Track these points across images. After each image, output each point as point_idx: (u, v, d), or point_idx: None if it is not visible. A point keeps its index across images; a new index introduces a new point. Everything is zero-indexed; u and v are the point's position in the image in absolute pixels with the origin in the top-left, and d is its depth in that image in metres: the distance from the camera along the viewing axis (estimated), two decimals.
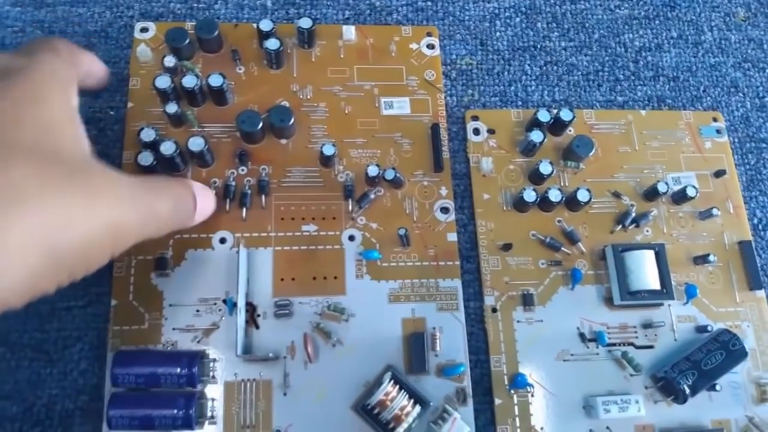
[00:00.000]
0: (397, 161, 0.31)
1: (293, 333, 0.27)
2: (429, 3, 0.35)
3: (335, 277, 0.28)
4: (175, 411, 0.25)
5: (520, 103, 0.34)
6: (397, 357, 0.27)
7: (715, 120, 0.34)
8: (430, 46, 0.33)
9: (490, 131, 0.32)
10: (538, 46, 0.35)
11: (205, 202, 0.26)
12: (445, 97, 0.33)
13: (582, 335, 0.29)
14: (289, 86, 0.32)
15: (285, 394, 0.27)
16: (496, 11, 0.36)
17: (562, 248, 0.30)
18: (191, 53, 0.31)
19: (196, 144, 0.28)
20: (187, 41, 0.30)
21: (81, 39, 0.32)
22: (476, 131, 0.32)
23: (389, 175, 0.29)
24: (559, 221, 0.31)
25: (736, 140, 0.34)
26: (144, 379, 0.25)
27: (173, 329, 0.27)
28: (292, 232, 0.29)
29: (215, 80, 0.29)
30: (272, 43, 0.31)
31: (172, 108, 0.29)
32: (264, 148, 0.30)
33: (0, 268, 0.16)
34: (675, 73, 0.35)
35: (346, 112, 0.31)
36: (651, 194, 0.31)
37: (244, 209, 0.29)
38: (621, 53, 0.36)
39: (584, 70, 0.35)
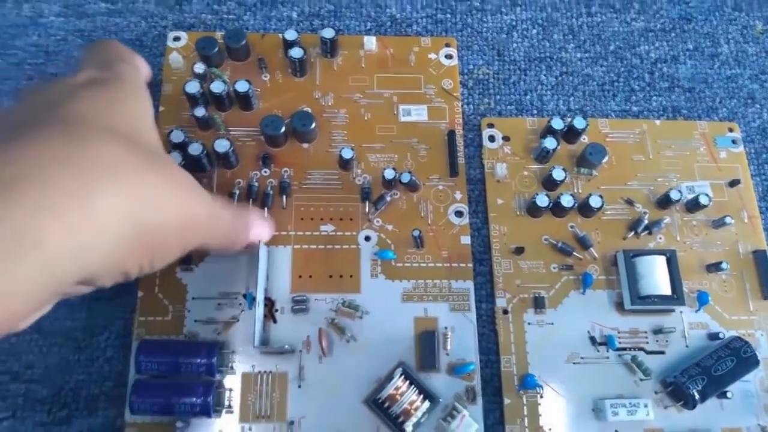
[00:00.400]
0: (413, 166, 0.32)
1: (309, 328, 0.28)
2: (448, 15, 0.37)
3: (351, 276, 0.29)
4: (195, 398, 0.26)
5: (535, 111, 0.35)
6: (408, 354, 0.28)
7: (731, 130, 0.34)
8: (449, 56, 0.34)
9: (505, 138, 0.33)
10: (554, 57, 0.36)
11: (261, 230, 0.28)
12: (461, 105, 0.34)
13: (592, 339, 0.29)
14: (312, 93, 0.33)
15: (299, 387, 0.28)
16: (514, 23, 0.37)
17: (574, 253, 0.31)
18: (220, 61, 0.33)
19: (221, 146, 0.30)
20: (216, 50, 0.32)
21: None
22: (491, 138, 0.33)
23: (405, 178, 0.30)
24: (572, 227, 0.31)
25: (753, 151, 0.35)
26: (166, 367, 0.26)
27: (195, 321, 0.28)
28: (311, 231, 0.30)
29: (242, 86, 0.31)
30: (296, 52, 0.32)
31: (200, 112, 0.31)
32: (286, 151, 0.32)
33: (89, 234, 0.17)
34: (691, 85, 0.36)
35: (366, 118, 0.33)
36: (664, 202, 0.32)
37: (266, 209, 0.30)
38: (636, 64, 0.36)
39: (600, 81, 0.36)
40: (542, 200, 0.31)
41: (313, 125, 0.31)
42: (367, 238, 0.30)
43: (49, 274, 0.17)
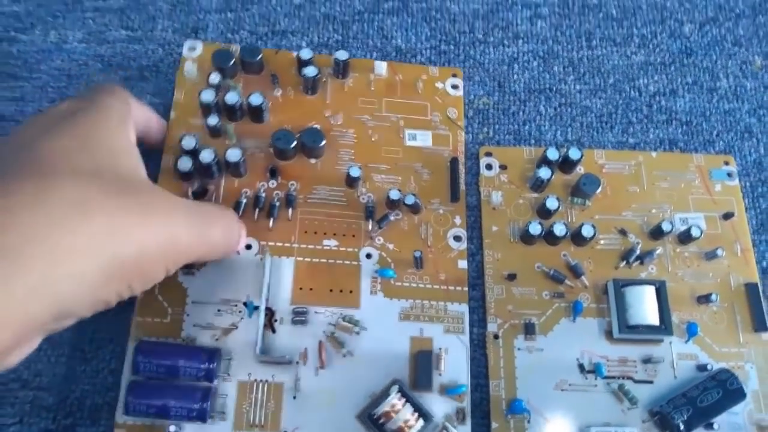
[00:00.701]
0: (416, 189, 0.33)
1: (307, 340, 0.29)
2: (451, 46, 0.38)
3: (351, 291, 0.30)
4: (193, 403, 0.27)
5: (533, 141, 0.36)
6: (402, 372, 0.29)
7: (726, 164, 0.35)
8: (455, 87, 0.36)
9: (502, 167, 0.34)
10: (554, 89, 0.37)
11: (244, 239, 0.29)
12: (462, 134, 0.35)
13: (581, 366, 0.30)
14: (322, 111, 0.34)
15: (294, 398, 0.28)
16: (515, 55, 0.38)
17: (566, 281, 0.31)
18: (234, 73, 0.34)
19: (234, 155, 0.31)
20: (232, 62, 0.33)
21: (135, 72, 0.36)
22: (489, 166, 0.34)
23: (409, 200, 0.31)
24: (564, 255, 0.32)
25: (748, 184, 0.35)
26: (165, 369, 0.27)
27: (194, 326, 0.29)
28: (314, 245, 0.31)
29: (256, 99, 0.32)
30: (310, 71, 0.33)
31: (213, 120, 0.32)
32: (294, 165, 0.33)
33: (75, 269, 0.19)
34: (688, 118, 0.37)
35: (373, 139, 0.34)
36: (656, 233, 0.32)
37: (272, 219, 0.31)
38: (635, 97, 0.37)
39: (597, 112, 0.36)
40: (535, 228, 0.31)
41: (323, 142, 0.32)
42: (368, 256, 0.31)
43: (21, 313, 0.18)
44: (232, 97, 0.32)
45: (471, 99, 0.37)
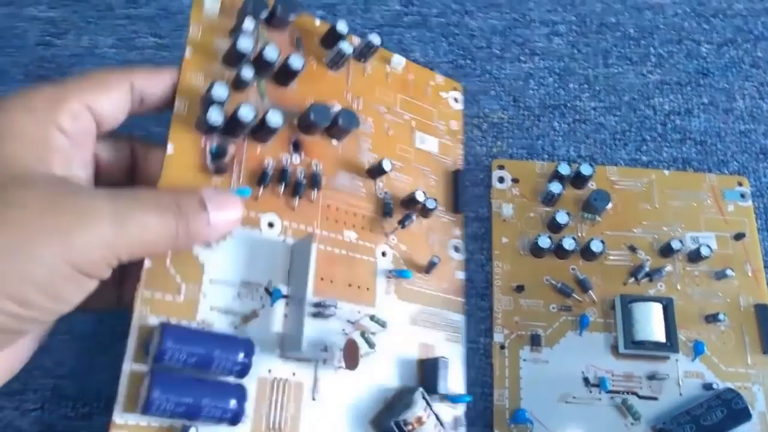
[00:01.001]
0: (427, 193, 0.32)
1: (329, 336, 0.26)
2: (468, 61, 0.39)
3: (368, 288, 0.29)
4: (228, 403, 0.23)
5: (546, 156, 0.36)
6: (412, 378, 0.29)
7: (740, 184, 0.35)
8: (456, 100, 0.36)
9: (514, 180, 0.35)
10: (569, 105, 0.37)
11: (226, 214, 0.24)
12: (475, 147, 0.36)
13: (586, 380, 0.30)
14: (343, 92, 0.32)
15: (314, 399, 0.26)
16: (531, 71, 0.38)
17: (574, 295, 0.32)
18: (256, 23, 0.29)
19: (275, 119, 0.27)
20: (266, 13, 0.29)
21: None
22: (501, 179, 0.35)
23: (431, 204, 0.31)
24: (573, 269, 0.33)
25: (761, 205, 0.35)
26: (197, 360, 0.22)
27: (211, 309, 0.25)
28: (335, 234, 0.29)
29: (296, 62, 0.28)
30: (347, 47, 0.30)
31: (248, 73, 0.27)
32: (316, 142, 0.30)
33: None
34: (703, 138, 0.37)
35: (389, 133, 0.33)
36: (666, 251, 0.33)
37: (297, 198, 0.28)
38: (650, 116, 0.37)
39: (612, 130, 0.37)
40: (544, 242, 0.32)
41: (358, 126, 0.30)
42: (384, 254, 0.30)
43: None
44: (271, 52, 0.28)
45: (486, 112, 0.37)
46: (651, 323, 0.30)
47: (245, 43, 0.27)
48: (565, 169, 0.33)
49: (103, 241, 0.20)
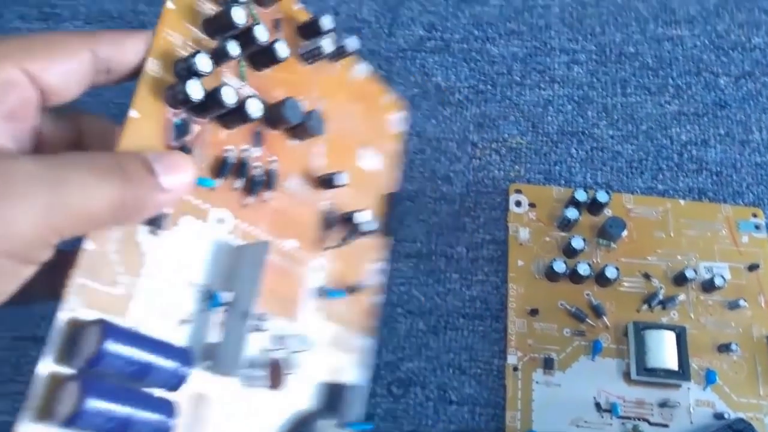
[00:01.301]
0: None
1: (251, 351, 0.24)
2: (489, 86, 0.40)
3: (294, 303, 0.26)
4: (164, 420, 0.19)
5: (563, 182, 0.37)
6: (320, 401, 0.27)
7: (755, 216, 0.35)
8: (400, 122, 0.33)
9: (532, 205, 0.36)
10: (586, 133, 0.38)
11: (178, 176, 0.20)
12: (493, 170, 0.36)
13: (597, 404, 0.31)
14: (310, 90, 0.29)
15: (227, 417, 0.23)
16: (550, 98, 0.39)
17: (587, 320, 0.32)
18: None
19: (255, 109, 0.24)
20: None
21: None
22: (518, 203, 0.36)
23: (370, 226, 0.29)
24: (587, 294, 0.33)
25: None
26: (134, 370, 0.19)
27: (145, 307, 0.21)
28: (280, 240, 0.26)
29: (283, 50, 0.25)
30: (328, 44, 0.28)
31: (234, 50, 0.24)
32: (278, 138, 0.27)
33: None
34: (719, 168, 0.37)
35: (344, 142, 0.30)
36: (680, 279, 0.33)
37: (250, 197, 0.25)
38: (666, 145, 0.38)
39: (628, 158, 0.38)
40: (559, 266, 0.32)
41: (322, 134, 0.28)
42: (315, 269, 0.28)
43: None
44: (262, 33, 0.25)
45: (505, 137, 0.38)
46: (664, 351, 0.31)
47: (239, 15, 0.24)
48: (581, 196, 0.34)
49: (37, 212, 0.17)
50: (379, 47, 0.41)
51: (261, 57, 0.26)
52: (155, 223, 0.22)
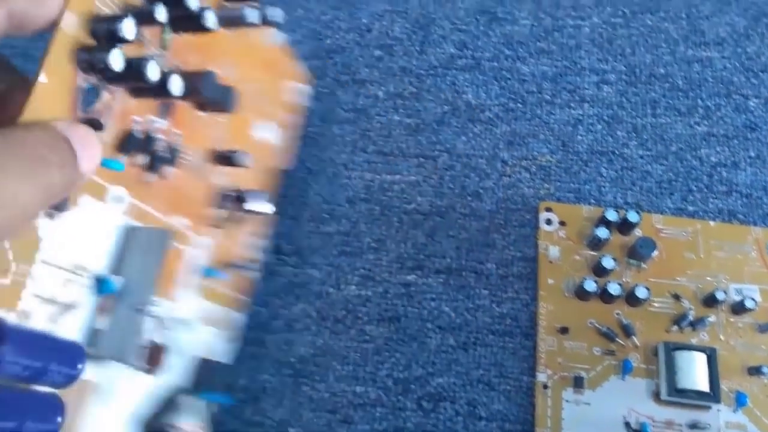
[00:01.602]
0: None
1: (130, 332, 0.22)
2: (519, 105, 0.40)
3: (172, 280, 0.24)
4: (56, 421, 0.18)
5: (593, 201, 0.37)
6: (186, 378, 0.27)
7: None
8: (304, 94, 0.34)
9: (562, 223, 0.36)
10: (616, 152, 0.39)
11: (93, 153, 0.19)
12: (523, 188, 0.37)
13: (627, 424, 0.31)
14: (221, 59, 0.27)
15: (107, 403, 0.22)
16: (581, 117, 0.40)
17: (617, 339, 0.33)
18: None
19: (177, 88, 0.22)
20: None
21: None
22: (548, 221, 0.36)
23: (267, 209, 0.29)
24: (617, 314, 0.33)
25: None
26: (29, 374, 0.18)
27: (34, 296, 0.19)
28: (169, 218, 0.25)
29: (210, 21, 0.23)
30: (254, 15, 0.26)
31: (161, 15, 0.22)
32: (185, 110, 0.25)
33: None
34: (749, 191, 0.37)
35: (245, 115, 0.29)
36: (710, 301, 0.33)
37: (153, 174, 0.24)
38: (696, 166, 0.38)
39: (658, 178, 0.38)
40: (590, 285, 0.33)
41: (232, 110, 0.26)
42: (201, 246, 0.27)
43: None
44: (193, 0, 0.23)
45: (534, 155, 0.38)
46: (694, 372, 0.31)
47: None
48: (612, 216, 0.34)
49: None
50: (411, 64, 0.41)
51: (185, 22, 0.24)
52: (57, 206, 0.20)
